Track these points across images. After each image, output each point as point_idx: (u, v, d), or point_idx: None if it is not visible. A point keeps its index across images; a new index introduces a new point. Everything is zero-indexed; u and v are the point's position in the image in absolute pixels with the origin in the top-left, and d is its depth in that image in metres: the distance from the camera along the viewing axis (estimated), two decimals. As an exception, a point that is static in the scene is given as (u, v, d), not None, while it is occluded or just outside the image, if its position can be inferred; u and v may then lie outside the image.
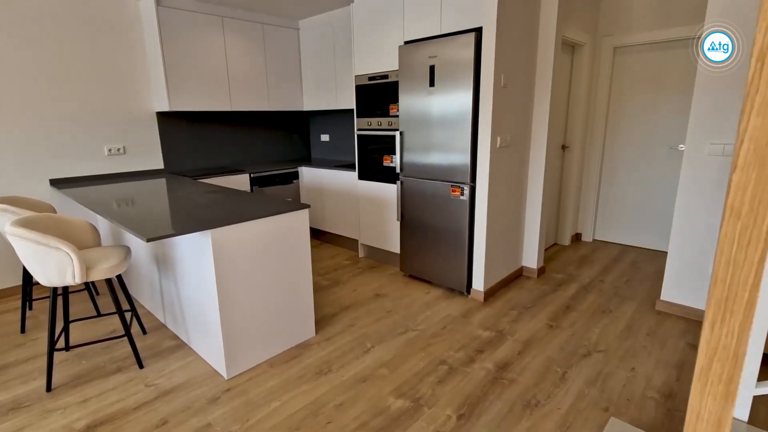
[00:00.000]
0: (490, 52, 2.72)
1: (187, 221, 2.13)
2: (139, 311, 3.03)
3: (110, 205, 2.57)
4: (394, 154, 3.51)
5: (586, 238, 4.48)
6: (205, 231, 2.03)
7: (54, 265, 2.00)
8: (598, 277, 3.54)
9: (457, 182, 3.02)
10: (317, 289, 3.32)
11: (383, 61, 3.46)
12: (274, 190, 4.33)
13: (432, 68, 2.99)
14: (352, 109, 4.26)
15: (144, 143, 3.92)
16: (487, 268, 3.06)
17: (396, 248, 3.69)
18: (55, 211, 3.10)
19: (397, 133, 3.33)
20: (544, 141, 3.27)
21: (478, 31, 2.75)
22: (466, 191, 2.97)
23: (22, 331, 2.75)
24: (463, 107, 2.87)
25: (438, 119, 3.04)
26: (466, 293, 3.17)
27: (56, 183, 3.47)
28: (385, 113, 3.53)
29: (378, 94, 3.57)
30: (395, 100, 3.41)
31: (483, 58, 2.76)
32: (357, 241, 4.15)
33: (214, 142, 4.39)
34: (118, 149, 3.77)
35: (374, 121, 3.64)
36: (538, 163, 3.34)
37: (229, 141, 4.50)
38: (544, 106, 3.22)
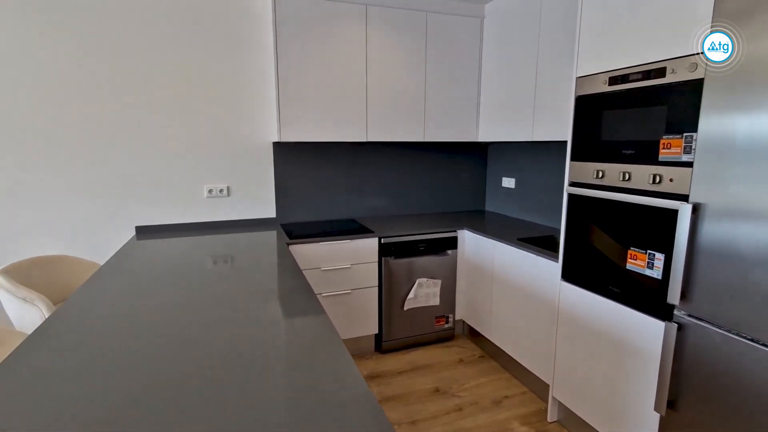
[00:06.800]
0: None
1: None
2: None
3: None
4: (658, 251, 1.52)
5: None
6: None
7: None
8: None
9: None
10: None
11: (653, 42, 1.53)
12: (418, 264, 2.77)
13: None
14: (561, 143, 2.39)
15: (253, 183, 2.90)
16: None
17: (639, 456, 1.64)
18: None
19: (683, 206, 1.35)
20: None
21: None
22: None
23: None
24: None
25: None
26: None
27: (142, 231, 2.69)
28: (645, 155, 1.57)
29: (628, 115, 1.64)
30: (679, 128, 1.44)
31: None
32: (547, 386, 2.22)
33: (343, 184, 3.12)
34: (221, 190, 2.83)
35: (612, 171, 1.72)
36: None
37: (362, 184, 3.17)
38: None
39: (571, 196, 1.93)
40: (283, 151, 2.91)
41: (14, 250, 2.41)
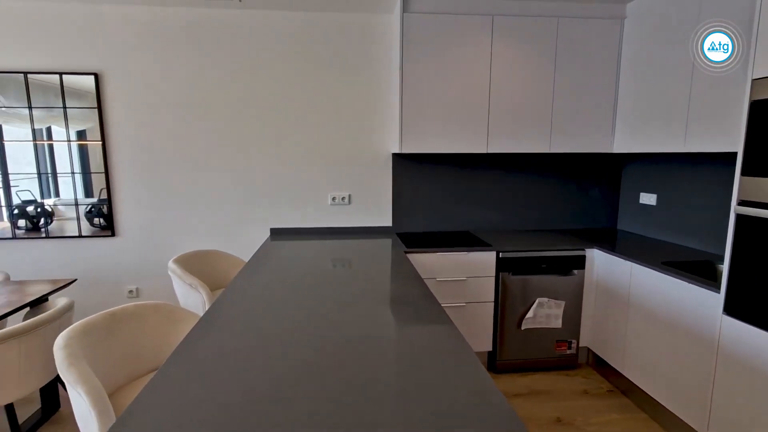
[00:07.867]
0: None
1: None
2: None
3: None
4: None
5: None
6: None
7: None
8: None
9: None
10: None
11: None
12: (538, 283, 2.61)
13: None
14: (721, 155, 2.06)
15: (372, 192, 3.03)
16: None
17: None
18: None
19: None
20: None
21: None
22: None
23: None
24: None
25: None
26: None
27: (275, 233, 2.98)
28: None
29: (832, 120, 1.35)
30: None
31: None
32: (697, 436, 1.90)
33: (459, 196, 3.08)
34: (343, 198, 3.01)
35: (804, 188, 1.42)
36: None
37: (479, 197, 3.10)
38: None
39: (740, 217, 1.65)
40: (402, 162, 2.99)
41: (176, 243, 2.85)
